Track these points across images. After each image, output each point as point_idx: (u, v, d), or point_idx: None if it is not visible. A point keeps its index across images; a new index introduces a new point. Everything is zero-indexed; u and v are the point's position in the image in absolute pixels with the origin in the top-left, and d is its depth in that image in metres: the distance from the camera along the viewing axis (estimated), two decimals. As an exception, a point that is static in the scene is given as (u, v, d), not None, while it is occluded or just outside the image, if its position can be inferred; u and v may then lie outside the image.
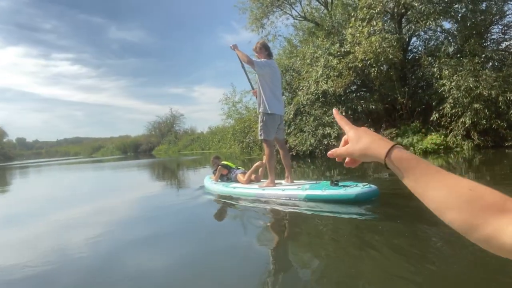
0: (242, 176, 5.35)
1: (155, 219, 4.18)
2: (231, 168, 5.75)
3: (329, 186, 3.96)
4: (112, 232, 3.62)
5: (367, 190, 3.73)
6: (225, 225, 3.83)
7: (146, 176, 12.04)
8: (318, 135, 10.53)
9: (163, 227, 3.70)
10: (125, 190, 7.88)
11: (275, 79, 4.66)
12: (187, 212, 4.54)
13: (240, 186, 5.08)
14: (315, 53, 11.45)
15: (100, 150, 58.97)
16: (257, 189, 4.68)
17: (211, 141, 32.02)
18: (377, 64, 10.78)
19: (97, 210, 5.06)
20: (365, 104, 10.69)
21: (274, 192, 4.43)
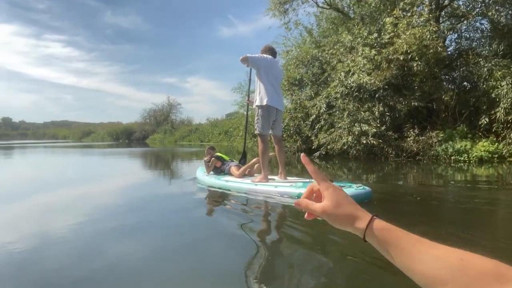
0: (236, 169, 5.25)
1: (141, 208, 4.13)
2: (225, 161, 5.64)
3: None
4: (95, 219, 3.55)
5: (360, 191, 3.71)
6: (211, 217, 3.79)
7: (137, 164, 11.43)
8: (355, 132, 9.38)
9: (148, 216, 3.68)
10: (113, 177, 7.66)
11: (274, 74, 4.63)
12: (175, 202, 4.51)
13: (232, 180, 5.02)
14: (353, 41, 10.27)
15: (90, 135, 56.96)
16: (249, 184, 4.60)
17: (211, 133, 30.70)
18: (421, 58, 9.70)
19: (81, 196, 4.98)
20: (406, 102, 9.58)
21: (267, 188, 4.36)
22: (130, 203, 4.51)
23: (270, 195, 4.23)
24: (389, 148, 9.42)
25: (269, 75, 4.59)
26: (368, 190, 3.82)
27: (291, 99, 12.47)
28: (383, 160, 9.39)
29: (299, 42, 13.50)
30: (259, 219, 3.46)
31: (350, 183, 3.99)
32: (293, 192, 4.07)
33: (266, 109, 4.53)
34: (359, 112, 9.80)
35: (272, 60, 4.74)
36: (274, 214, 3.72)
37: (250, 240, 2.70)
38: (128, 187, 5.94)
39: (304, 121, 11.89)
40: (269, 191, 4.29)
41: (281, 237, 2.91)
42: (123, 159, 13.43)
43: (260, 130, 4.58)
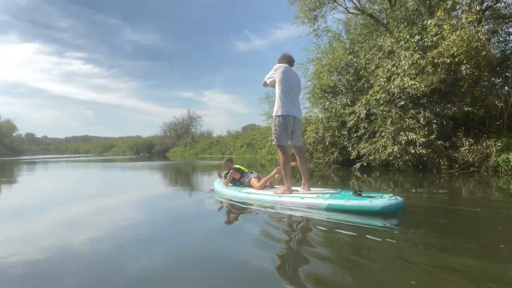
0: (257, 181, 5.12)
1: (160, 221, 4.10)
2: (244, 173, 5.52)
3: (352, 196, 3.79)
4: (115, 232, 3.50)
5: (393, 202, 3.52)
6: (233, 229, 3.62)
7: (157, 178, 11.22)
8: (401, 142, 8.59)
9: (167, 230, 3.64)
10: (133, 191, 7.50)
11: (290, 82, 4.57)
12: (195, 215, 4.41)
13: (254, 192, 4.84)
14: (394, 44, 9.56)
15: (111, 149, 57.52)
16: (273, 195, 4.47)
17: (233, 145, 30.19)
18: (470, 61, 8.91)
19: (102, 210, 4.96)
20: (456, 108, 8.75)
21: (292, 199, 4.21)
22: (149, 216, 4.45)
23: (296, 207, 4.05)
24: (441, 159, 8.58)
25: (284, 84, 4.54)
26: (401, 200, 3.59)
27: (324, 108, 11.78)
28: (435, 172, 8.54)
29: (328, 49, 12.84)
30: (285, 233, 3.26)
31: (381, 194, 3.75)
32: (321, 204, 3.87)
33: (282, 119, 4.46)
34: (403, 120, 9.03)
35: (287, 69, 4.67)
36: (301, 226, 3.49)
37: (274, 256, 2.61)
38: (147, 201, 5.85)
39: (340, 131, 11.17)
40: (295, 203, 4.11)
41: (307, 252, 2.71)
42: (143, 173, 13.16)
43: (278, 141, 4.51)
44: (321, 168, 11.26)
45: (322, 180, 8.66)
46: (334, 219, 3.54)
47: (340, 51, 12.21)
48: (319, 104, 11.92)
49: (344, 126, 11.02)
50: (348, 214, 3.61)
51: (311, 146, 11.87)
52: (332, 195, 4.03)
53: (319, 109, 12.12)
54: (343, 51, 12.06)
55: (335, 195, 3.99)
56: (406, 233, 3.07)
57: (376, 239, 2.88)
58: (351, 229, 3.18)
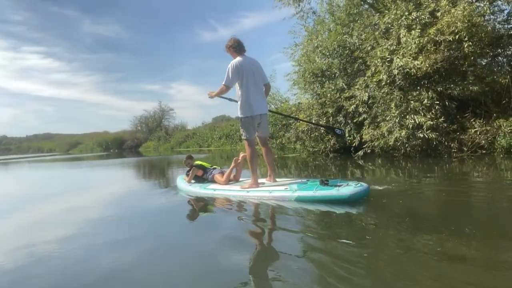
0: (220, 176, 5.09)
1: (131, 218, 4.03)
2: (207, 168, 5.47)
3: (320, 186, 3.83)
4: (85, 230, 3.45)
5: (360, 189, 3.61)
6: (203, 225, 3.58)
7: (128, 175, 10.78)
8: (408, 126, 8.01)
9: (139, 226, 3.57)
10: (102, 189, 7.31)
11: (250, 79, 4.42)
12: (165, 211, 4.37)
13: (220, 188, 4.78)
14: (395, 21, 8.91)
15: (77, 147, 54.66)
16: (241, 190, 4.43)
17: (211, 137, 29.09)
18: (472, 38, 8.43)
19: (70, 209, 4.83)
20: (461, 88, 8.27)
21: (260, 193, 4.20)
22: (120, 214, 4.35)
23: (265, 200, 4.02)
24: (450, 143, 8.10)
25: (249, 81, 4.41)
26: (366, 186, 3.67)
27: (316, 93, 11.04)
28: (446, 157, 8.05)
29: (319, 30, 12.05)
30: (254, 227, 3.23)
31: (347, 181, 3.83)
32: (290, 196, 3.88)
33: (250, 119, 4.43)
34: (407, 102, 8.46)
35: (247, 62, 4.46)
36: (270, 219, 3.50)
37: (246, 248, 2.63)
38: (116, 199, 5.71)
39: (335, 117, 10.50)
40: (264, 197, 4.09)
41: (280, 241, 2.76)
42: (113, 170, 12.42)
43: (246, 135, 4.48)
44: (317, 158, 10.59)
45: (319, 170, 7.97)
46: (303, 208, 3.60)
47: (331, 32, 11.45)
48: (310, 90, 11.16)
49: (340, 112, 10.36)
50: (317, 204, 3.67)
51: (304, 134, 11.16)
52: (300, 185, 4.05)
53: (310, 94, 11.36)
54: (333, 31, 11.31)
55: (303, 186, 4.01)
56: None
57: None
58: (320, 218, 3.31)
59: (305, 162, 9.99)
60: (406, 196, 4.13)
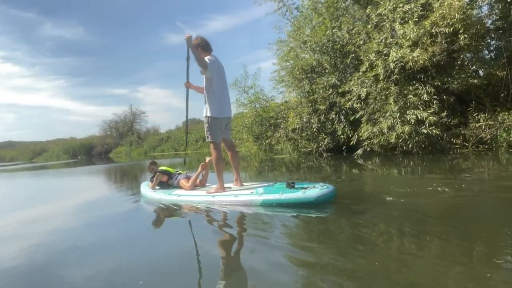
0: (186, 181, 4.98)
1: (98, 226, 3.87)
2: (172, 174, 5.34)
3: (286, 188, 3.77)
4: (51, 240, 3.35)
5: (326, 191, 3.58)
6: (169, 235, 3.36)
7: (97, 182, 10.14)
8: (410, 122, 7.60)
9: (105, 235, 3.41)
10: (67, 198, 6.90)
11: (221, 79, 4.37)
12: (133, 219, 4.16)
13: (185, 193, 4.66)
14: (391, 12, 8.51)
15: (42, 154, 51.59)
16: (206, 195, 4.32)
17: (188, 140, 28.01)
18: (468, 30, 8.18)
19: (34, 219, 4.62)
20: (460, 81, 7.99)
21: (226, 198, 4.10)
22: (86, 222, 4.17)
23: (231, 205, 3.96)
24: (453, 138, 7.77)
25: (219, 81, 4.32)
26: (333, 188, 3.65)
27: (305, 90, 10.50)
28: (452, 153, 7.71)
29: (304, 25, 11.55)
30: (221, 233, 3.19)
31: (313, 183, 3.78)
32: (256, 200, 3.82)
33: (218, 120, 4.31)
34: (405, 97, 8.08)
35: (218, 62, 4.37)
36: (237, 224, 3.38)
37: (211, 257, 2.56)
38: (82, 207, 5.46)
39: (327, 115, 10.01)
40: (230, 201, 4.03)
41: (250, 249, 2.63)
42: (81, 178, 11.61)
43: (213, 138, 4.31)
44: (310, 158, 10.04)
45: (313, 172, 7.42)
46: (270, 211, 3.57)
47: (320, 26, 10.94)
48: (299, 87, 10.61)
49: (332, 109, 9.87)
50: (283, 207, 3.63)
51: (295, 134, 10.59)
52: (266, 189, 3.98)
53: (299, 92, 10.80)
54: (322, 26, 10.80)
55: (270, 189, 3.94)
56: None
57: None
58: (288, 220, 3.24)
59: (297, 164, 9.43)
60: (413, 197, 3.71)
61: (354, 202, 3.78)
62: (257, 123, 12.23)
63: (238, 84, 13.12)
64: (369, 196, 4.13)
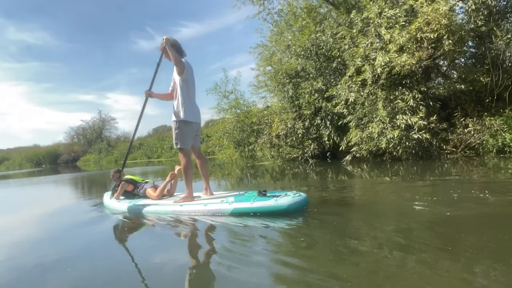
0: (153, 190, 4.76)
1: (61, 238, 3.63)
2: (138, 183, 5.08)
3: (257, 197, 3.68)
4: (12, 253, 3.14)
5: (298, 199, 3.53)
6: (132, 247, 3.13)
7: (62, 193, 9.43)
8: (400, 126, 7.47)
9: (69, 247, 3.19)
10: (28, 209, 6.49)
11: (193, 84, 4.25)
12: (97, 231, 3.82)
13: (151, 203, 4.39)
14: (378, 17, 8.41)
15: (3, 163, 48.58)
16: (174, 205, 4.10)
17: (160, 147, 27.14)
18: (453, 35, 8.23)
19: None
20: (448, 86, 7.99)
21: (195, 207, 3.90)
22: (50, 234, 3.94)
23: (200, 215, 3.79)
24: (443, 144, 7.71)
25: (192, 86, 4.22)
26: (305, 196, 3.62)
27: (290, 96, 10.24)
28: (442, 159, 7.63)
29: (286, 30, 11.35)
30: (189, 245, 3.00)
31: (285, 192, 3.70)
32: (226, 209, 3.68)
33: (189, 125, 4.15)
34: (393, 102, 7.98)
35: (190, 66, 4.23)
36: (206, 235, 3.20)
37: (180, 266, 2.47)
38: (46, 219, 5.10)
39: (311, 120, 9.78)
40: (198, 211, 3.85)
41: (217, 262, 2.44)
42: (46, 188, 10.78)
43: (183, 145, 4.13)
44: (295, 165, 9.74)
45: (299, 179, 7.12)
46: (241, 221, 3.42)
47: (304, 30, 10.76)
48: (283, 92, 10.33)
49: (318, 114, 9.66)
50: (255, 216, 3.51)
51: (278, 140, 10.28)
52: (237, 197, 3.89)
53: (282, 97, 10.52)
54: (306, 29, 10.62)
55: (240, 198, 3.85)
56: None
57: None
58: (260, 230, 3.11)
59: (281, 171, 9.11)
60: None
61: (341, 211, 3.59)
62: (238, 129, 11.83)
63: (218, 88, 12.70)
64: (361, 204, 3.95)
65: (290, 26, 11.64)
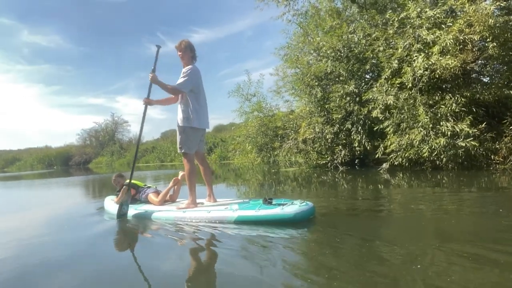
0: (155, 196, 4.62)
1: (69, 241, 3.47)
2: (140, 188, 4.93)
3: (263, 205, 3.58)
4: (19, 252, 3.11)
5: (305, 208, 3.41)
6: (131, 255, 3.03)
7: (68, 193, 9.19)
8: (446, 133, 6.90)
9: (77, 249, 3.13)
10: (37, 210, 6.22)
11: (201, 89, 4.19)
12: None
13: (154, 209, 4.26)
14: (418, 18, 7.89)
15: (15, 164, 48.82)
16: (176, 211, 4.00)
17: (174, 151, 26.79)
18: (498, 38, 7.66)
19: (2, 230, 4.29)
20: (494, 92, 7.41)
21: (198, 214, 3.79)
22: (57, 235, 3.73)
23: (203, 221, 3.66)
24: (491, 153, 7.12)
25: (200, 91, 4.15)
26: (312, 205, 3.50)
27: (317, 98, 9.74)
28: (490, 169, 7.03)
29: (315, 32, 10.89)
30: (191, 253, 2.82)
31: (291, 200, 3.61)
32: (230, 216, 3.55)
33: (196, 131, 4.11)
34: (435, 107, 7.43)
35: (198, 72, 4.19)
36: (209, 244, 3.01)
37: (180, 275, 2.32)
38: (53, 220, 4.94)
39: (342, 125, 9.25)
40: (202, 218, 3.72)
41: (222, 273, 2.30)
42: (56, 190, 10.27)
43: (187, 149, 4.10)
44: (324, 172, 9.20)
45: (329, 189, 6.58)
46: (246, 230, 3.29)
47: (335, 31, 10.27)
48: (311, 95, 9.83)
49: (348, 119, 9.13)
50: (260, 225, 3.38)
51: (305, 145, 9.76)
52: (241, 205, 3.80)
53: (309, 100, 10.01)
54: (337, 30, 10.13)
55: (245, 205, 3.76)
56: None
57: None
58: (264, 240, 2.92)
59: (307, 177, 8.59)
60: None
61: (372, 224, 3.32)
62: (261, 133, 11.35)
63: (241, 91, 12.26)
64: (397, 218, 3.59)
65: (317, 27, 11.20)
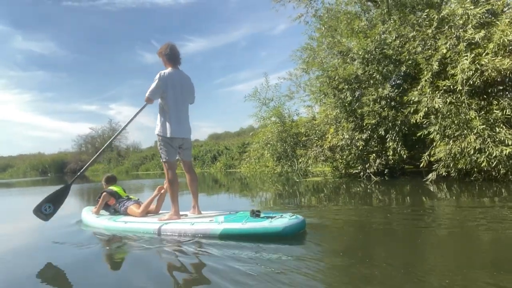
0: (137, 207, 4.34)
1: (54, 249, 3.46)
2: (120, 198, 4.57)
3: (250, 217, 3.35)
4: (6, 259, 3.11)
5: (295, 221, 3.22)
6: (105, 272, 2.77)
7: None
8: (505, 141, 6.20)
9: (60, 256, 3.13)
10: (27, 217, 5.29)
11: (176, 95, 3.95)
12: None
13: (133, 220, 4.06)
14: (465, 15, 7.26)
15: (7, 170, 47.42)
16: (157, 223, 3.76)
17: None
18: None
19: None
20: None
21: (181, 226, 3.58)
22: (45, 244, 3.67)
23: (186, 234, 3.44)
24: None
25: (173, 96, 3.90)
26: (302, 219, 3.31)
27: (344, 103, 9.04)
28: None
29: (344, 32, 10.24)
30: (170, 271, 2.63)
31: (280, 213, 3.39)
32: (215, 229, 3.34)
33: (169, 140, 3.89)
34: (488, 112, 6.77)
35: (176, 75, 3.94)
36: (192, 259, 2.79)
37: None
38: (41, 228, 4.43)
39: (374, 131, 8.54)
40: (184, 230, 3.48)
41: None
42: None
43: (166, 157, 3.91)
44: (353, 182, 8.45)
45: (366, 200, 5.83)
46: (233, 243, 3.09)
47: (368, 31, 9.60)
48: (339, 100, 9.12)
49: (381, 125, 8.42)
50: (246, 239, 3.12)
51: (332, 153, 9.02)
52: (226, 217, 3.56)
53: (336, 105, 9.28)
54: (371, 31, 9.46)
55: (231, 218, 3.52)
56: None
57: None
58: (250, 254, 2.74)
59: (335, 189, 7.84)
60: None
61: None
62: (281, 140, 10.59)
63: (258, 95, 11.53)
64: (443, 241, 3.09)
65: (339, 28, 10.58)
